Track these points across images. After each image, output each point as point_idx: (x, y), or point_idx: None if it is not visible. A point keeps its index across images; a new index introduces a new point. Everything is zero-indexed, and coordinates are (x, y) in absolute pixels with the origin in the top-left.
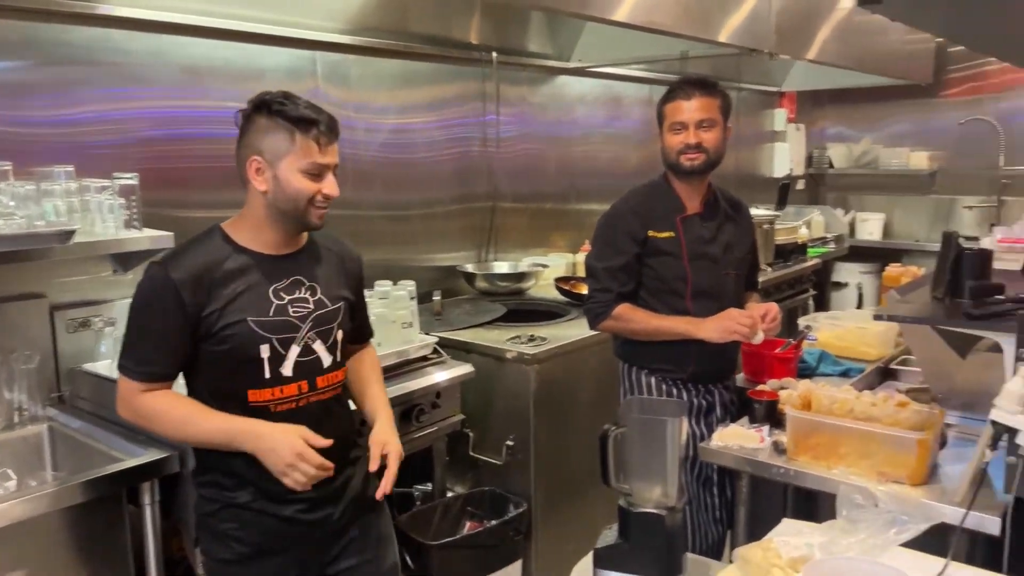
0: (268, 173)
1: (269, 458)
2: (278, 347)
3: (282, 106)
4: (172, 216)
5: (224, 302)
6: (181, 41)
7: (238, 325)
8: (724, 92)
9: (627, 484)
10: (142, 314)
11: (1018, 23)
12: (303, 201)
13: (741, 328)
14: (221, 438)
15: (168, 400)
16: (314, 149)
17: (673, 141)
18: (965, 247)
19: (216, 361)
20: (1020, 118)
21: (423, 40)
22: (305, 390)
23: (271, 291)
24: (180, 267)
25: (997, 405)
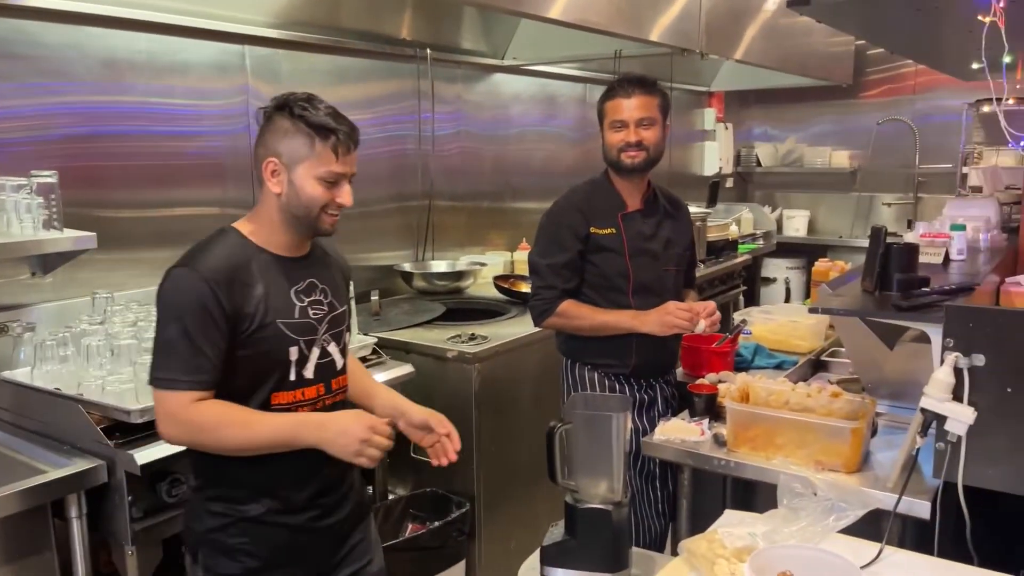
0: (284, 176)
1: (340, 441)
2: (304, 349)
3: (304, 110)
4: (95, 216)
5: (255, 303)
6: (100, 33)
7: (270, 327)
8: (664, 91)
9: (573, 480)
10: (181, 320)
11: (929, 28)
12: (316, 208)
13: (680, 321)
14: (285, 435)
15: (222, 406)
16: (332, 157)
17: (614, 139)
18: (893, 242)
19: (244, 364)
20: (934, 119)
21: (355, 35)
22: (323, 392)
23: (292, 293)
24: (209, 268)
25: (927, 393)
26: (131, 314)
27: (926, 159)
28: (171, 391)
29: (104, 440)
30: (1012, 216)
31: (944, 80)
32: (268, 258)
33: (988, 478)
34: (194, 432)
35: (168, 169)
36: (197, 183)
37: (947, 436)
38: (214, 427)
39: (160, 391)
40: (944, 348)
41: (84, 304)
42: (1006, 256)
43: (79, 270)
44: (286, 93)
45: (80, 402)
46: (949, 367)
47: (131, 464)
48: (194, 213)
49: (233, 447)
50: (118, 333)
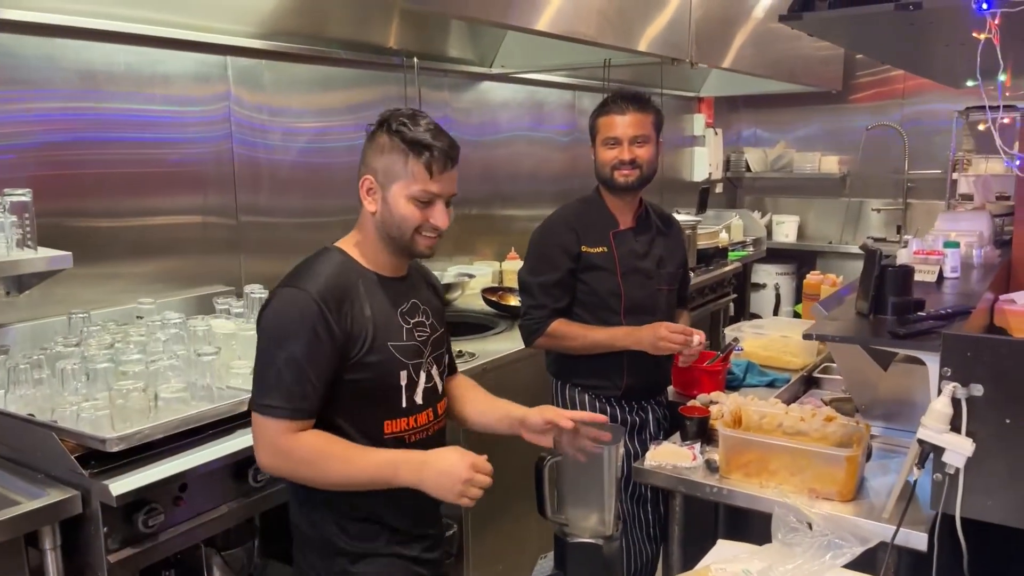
0: (379, 194)
1: (442, 481)
2: (412, 373)
3: (402, 125)
4: (73, 227)
5: (365, 325)
6: (76, 45)
7: (380, 350)
8: (657, 108)
9: (563, 513)
10: (288, 342)
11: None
12: (409, 230)
13: (672, 345)
14: (386, 472)
15: (322, 438)
16: (424, 175)
17: (607, 156)
18: (887, 264)
19: (354, 390)
20: (922, 124)
21: (341, 45)
22: (431, 418)
23: (399, 314)
24: (318, 288)
25: (924, 424)
26: (108, 335)
27: (915, 165)
28: (272, 419)
29: (79, 469)
30: (1004, 229)
31: (933, 86)
32: (373, 278)
33: (987, 510)
34: (293, 464)
35: (148, 178)
36: (178, 192)
37: (945, 468)
38: (314, 460)
39: (261, 417)
40: (942, 377)
41: (60, 323)
42: (999, 272)
43: (55, 286)
44: (392, 109)
45: (54, 429)
46: (947, 397)
47: (106, 495)
48: (175, 222)
49: (332, 482)
50: (94, 356)
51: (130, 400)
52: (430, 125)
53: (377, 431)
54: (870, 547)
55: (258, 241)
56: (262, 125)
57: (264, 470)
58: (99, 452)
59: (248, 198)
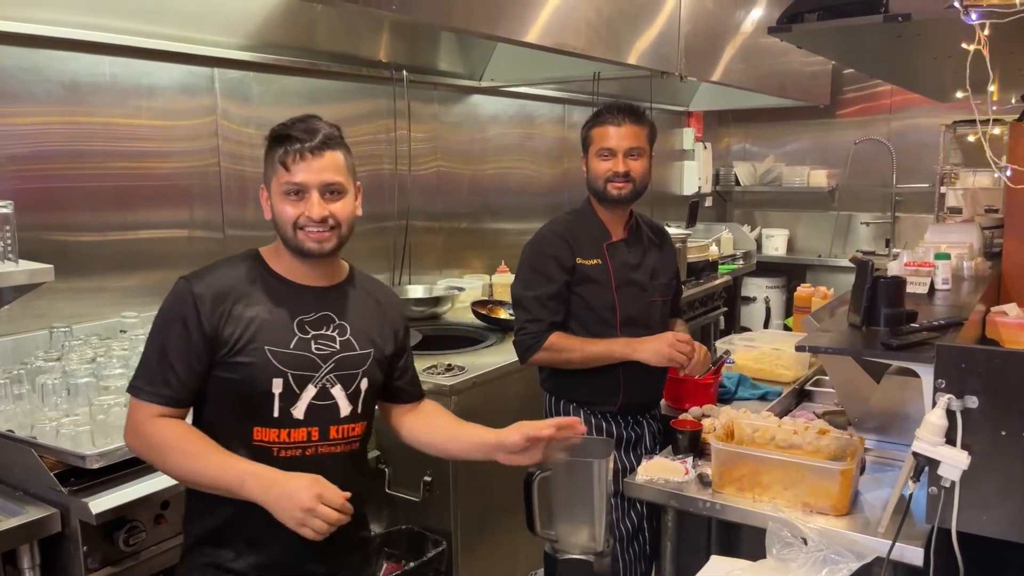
0: (268, 200)
1: (283, 505)
2: (292, 384)
3: (277, 127)
4: (55, 240)
5: (243, 326)
6: (60, 56)
7: (254, 353)
8: (651, 121)
9: (553, 529)
10: (160, 330)
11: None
12: (289, 227)
13: (679, 355)
14: (230, 481)
15: (179, 429)
16: (285, 168)
17: (600, 168)
18: (879, 275)
19: (226, 391)
20: (910, 138)
21: (330, 58)
22: (315, 438)
23: (296, 322)
24: (204, 282)
25: (919, 437)
26: (90, 350)
27: (903, 178)
28: (136, 399)
29: (58, 487)
30: (994, 241)
31: (919, 100)
32: (277, 283)
33: (982, 524)
34: (146, 448)
35: (132, 191)
36: (163, 206)
37: (940, 481)
38: (163, 448)
39: (131, 397)
40: (936, 389)
41: (41, 338)
42: (990, 284)
43: (36, 299)
44: None
45: (33, 445)
46: (942, 410)
47: (86, 512)
48: (160, 236)
49: (177, 475)
50: (75, 371)
51: (111, 416)
52: (304, 120)
53: (246, 436)
54: (864, 563)
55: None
56: (250, 139)
57: (128, 448)
58: (79, 469)
59: (235, 212)
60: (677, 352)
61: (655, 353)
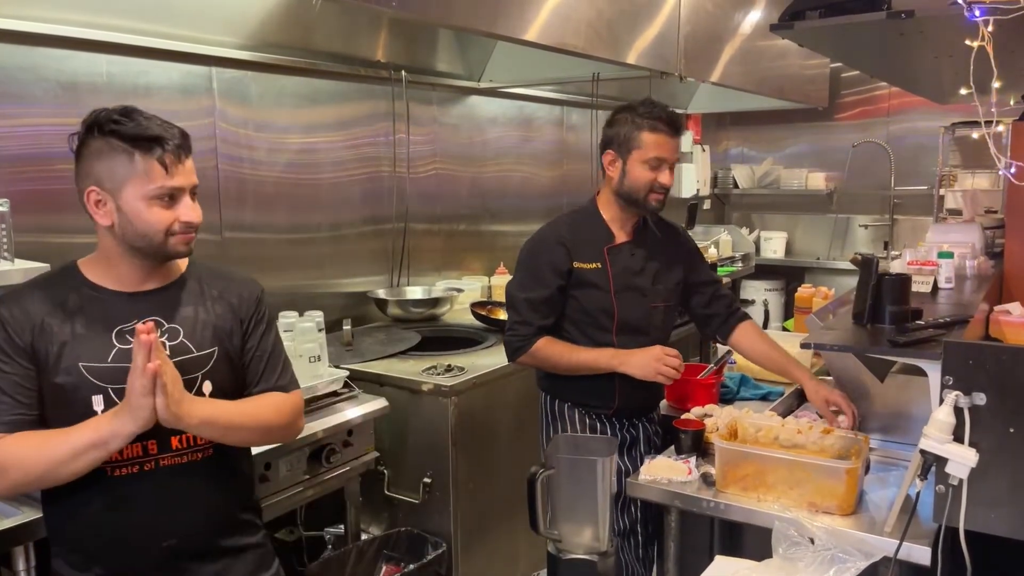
0: (110, 204)
1: None
2: (115, 398)
3: (116, 124)
4: (51, 243)
5: (59, 344)
6: (57, 54)
7: (68, 371)
8: None
9: (556, 529)
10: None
11: (911, 53)
12: (158, 234)
13: (667, 370)
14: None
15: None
16: (159, 171)
17: (645, 176)
18: (884, 272)
19: (51, 409)
20: (908, 141)
21: (328, 58)
22: (153, 451)
23: (114, 334)
24: (16, 305)
25: (926, 434)
26: None
27: (901, 181)
28: None
29: None
30: (995, 241)
31: (917, 103)
32: (93, 294)
33: (991, 523)
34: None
35: None
36: None
37: (948, 479)
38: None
39: None
40: (943, 386)
41: None
42: (992, 283)
43: None
44: (95, 110)
45: None
46: (949, 407)
47: None
48: None
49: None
50: None
51: None
52: (147, 117)
53: None
54: (872, 561)
55: (242, 257)
56: (248, 141)
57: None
58: None
59: (233, 214)
60: (664, 367)
61: (641, 368)
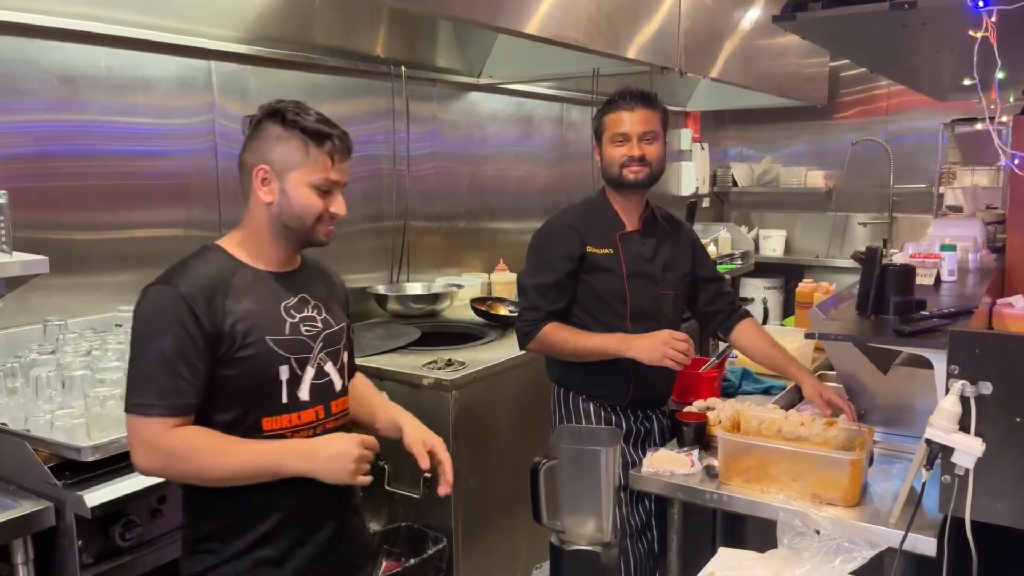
0: (275, 184)
1: (332, 466)
2: (296, 368)
3: (297, 116)
4: (48, 238)
5: (239, 320)
6: (55, 47)
7: (256, 344)
8: (664, 106)
9: (559, 520)
10: (156, 339)
11: (913, 46)
12: (311, 218)
13: (675, 354)
14: (269, 464)
15: (199, 433)
16: (327, 164)
17: (615, 154)
18: (889, 263)
19: (230, 386)
20: (906, 139)
21: (327, 52)
22: (322, 416)
23: (282, 308)
24: (187, 282)
25: (932, 424)
26: (85, 343)
27: (900, 179)
28: (146, 417)
29: (52, 480)
30: (997, 236)
31: (916, 101)
32: (253, 273)
33: (996, 512)
34: (170, 461)
35: (128, 190)
36: (160, 204)
37: (954, 469)
38: (188, 455)
39: (134, 417)
40: (949, 375)
41: (35, 332)
42: (994, 277)
43: (30, 295)
44: (274, 101)
45: (27, 438)
46: (955, 396)
47: (81, 506)
48: (156, 235)
49: (212, 477)
50: (70, 363)
51: (107, 408)
52: (320, 115)
53: (255, 428)
54: (878, 551)
55: None
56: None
57: (140, 471)
58: (74, 462)
59: (233, 212)
60: (672, 351)
61: (648, 351)
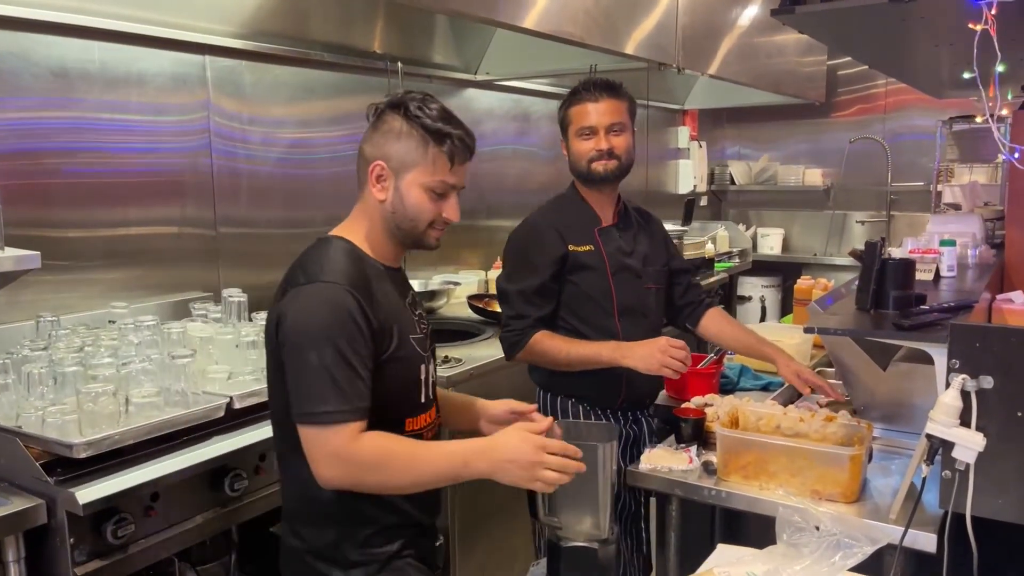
0: (390, 182)
1: (511, 469)
2: (427, 367)
3: (420, 110)
4: (40, 235)
5: (386, 316)
6: (48, 41)
7: (405, 344)
8: (630, 95)
9: (556, 516)
10: (332, 340)
11: (911, 40)
12: (423, 222)
13: (673, 363)
14: (454, 464)
15: (383, 438)
16: (445, 166)
17: (582, 147)
18: (888, 257)
19: (380, 387)
20: (904, 137)
21: (323, 48)
22: (434, 417)
23: (407, 306)
24: (345, 278)
25: (932, 418)
26: (77, 339)
27: (898, 177)
28: (331, 426)
29: (44, 477)
30: (996, 232)
31: (914, 99)
32: (380, 268)
33: (997, 508)
34: (360, 471)
35: (122, 186)
36: (153, 201)
37: (955, 464)
38: (380, 464)
39: (320, 428)
40: (949, 370)
41: (27, 328)
42: (994, 272)
43: (22, 291)
44: (403, 91)
45: (18, 435)
46: (956, 390)
47: (73, 504)
48: (150, 232)
49: (400, 485)
50: (62, 360)
51: (99, 404)
52: (445, 111)
53: (398, 429)
54: (879, 547)
55: (237, 252)
56: (242, 134)
57: (325, 485)
58: (66, 459)
59: (227, 209)
60: (671, 359)
61: (645, 360)
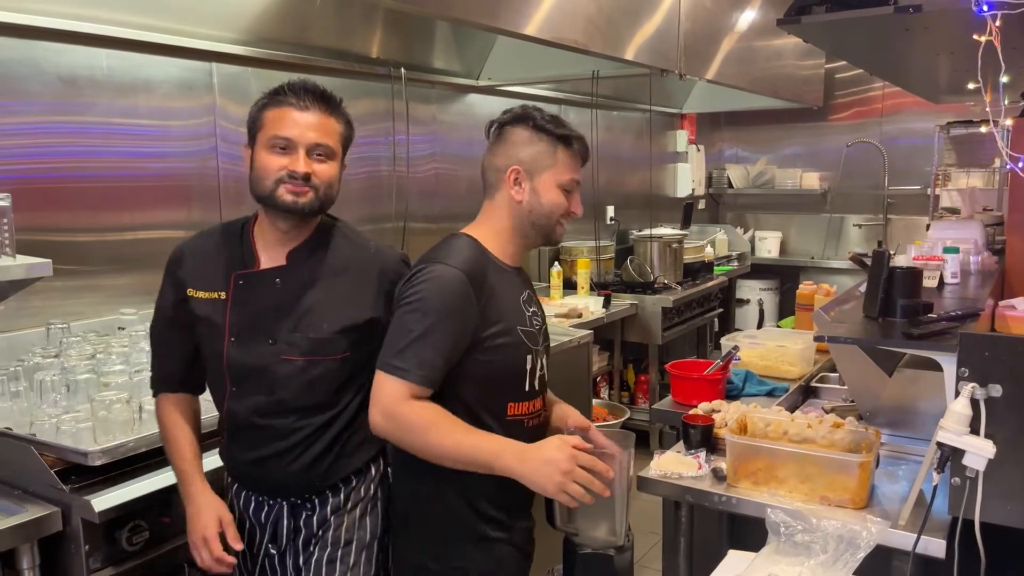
0: (527, 184)
1: (540, 472)
2: (534, 359)
3: (544, 121)
4: (50, 240)
5: (498, 308)
6: (58, 48)
7: (511, 333)
8: (349, 118)
9: (573, 523)
10: (437, 312)
11: (913, 50)
12: (556, 216)
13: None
14: (487, 455)
15: (433, 410)
16: (573, 165)
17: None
18: (896, 266)
19: (483, 371)
20: (901, 141)
21: (325, 54)
22: (539, 407)
23: (521, 301)
24: (466, 266)
25: (943, 427)
26: (88, 346)
27: (895, 181)
28: (396, 378)
29: (59, 485)
30: (996, 238)
31: (910, 103)
32: (500, 265)
33: (1006, 514)
34: (400, 429)
35: (129, 191)
36: (161, 206)
37: (965, 471)
38: (422, 428)
39: (385, 376)
40: (959, 378)
41: (38, 335)
42: (995, 279)
43: (32, 298)
44: (520, 107)
45: (32, 443)
46: (966, 399)
47: (88, 511)
48: (158, 237)
49: (433, 453)
50: (74, 367)
51: (113, 412)
52: (562, 120)
53: (500, 412)
54: (884, 552)
55: None
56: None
57: (373, 429)
58: (80, 466)
59: (233, 213)
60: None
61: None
